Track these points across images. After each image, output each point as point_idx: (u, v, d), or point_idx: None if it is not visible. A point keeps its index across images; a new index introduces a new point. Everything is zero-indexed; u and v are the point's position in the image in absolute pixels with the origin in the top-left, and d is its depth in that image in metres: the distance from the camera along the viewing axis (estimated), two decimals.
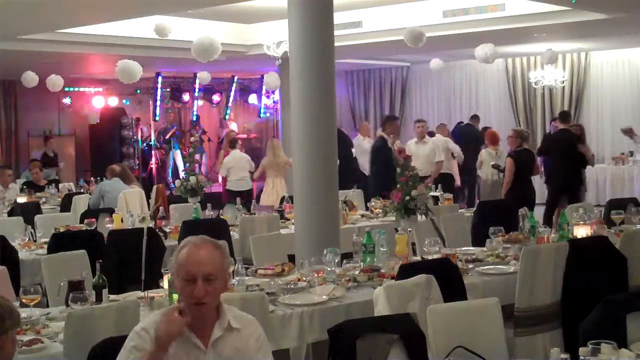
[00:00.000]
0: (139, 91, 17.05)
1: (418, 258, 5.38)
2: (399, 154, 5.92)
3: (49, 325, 3.96)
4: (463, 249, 5.90)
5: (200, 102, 17.46)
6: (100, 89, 17.26)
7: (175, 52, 12.06)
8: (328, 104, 6.55)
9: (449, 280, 4.39)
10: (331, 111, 6.58)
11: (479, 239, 6.34)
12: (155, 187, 10.83)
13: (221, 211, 8.44)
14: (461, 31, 11.11)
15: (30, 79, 12.19)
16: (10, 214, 8.94)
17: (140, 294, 4.57)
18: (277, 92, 15.81)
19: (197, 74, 14.77)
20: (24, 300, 4.06)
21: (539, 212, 10.41)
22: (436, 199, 8.50)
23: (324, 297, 4.45)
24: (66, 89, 14.69)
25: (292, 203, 7.08)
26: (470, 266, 5.17)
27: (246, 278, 4.65)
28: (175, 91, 16.75)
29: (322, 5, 6.61)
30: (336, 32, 6.87)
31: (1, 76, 15.72)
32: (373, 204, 8.88)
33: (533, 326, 4.65)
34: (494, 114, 16.81)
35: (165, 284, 4.39)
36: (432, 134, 11.77)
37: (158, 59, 12.74)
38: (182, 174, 10.73)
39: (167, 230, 7.17)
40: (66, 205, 10.12)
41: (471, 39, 11.38)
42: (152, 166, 17.09)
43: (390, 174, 9.45)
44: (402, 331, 3.38)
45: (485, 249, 5.63)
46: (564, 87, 15.79)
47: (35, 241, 6.89)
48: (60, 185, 12.20)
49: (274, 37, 10.84)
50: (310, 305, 4.34)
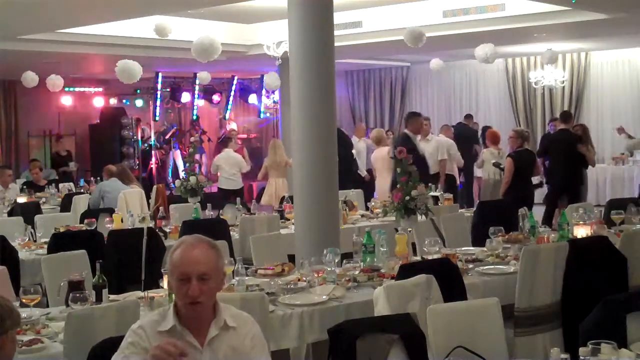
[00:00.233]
0: (139, 91, 17.05)
1: (418, 258, 5.37)
2: (399, 154, 5.91)
3: (49, 325, 3.95)
4: (463, 249, 5.90)
5: (201, 102, 17.47)
6: (100, 89, 17.26)
7: (175, 52, 12.05)
8: (328, 104, 6.55)
9: (449, 280, 4.39)
10: (331, 111, 6.58)
11: (479, 239, 6.34)
12: (155, 187, 10.83)
13: (221, 211, 8.44)
14: (461, 31, 11.11)
15: (30, 79, 12.19)
16: (10, 214, 8.94)
17: (140, 294, 4.57)
18: (277, 92, 15.81)
19: (197, 74, 14.77)
20: (24, 300, 4.06)
21: (539, 212, 10.44)
22: (436, 199, 8.50)
23: (324, 297, 4.44)
24: (66, 89, 14.69)
25: (292, 203, 7.09)
26: (470, 266, 5.17)
27: (246, 278, 4.65)
28: (175, 91, 16.76)
29: (322, 5, 6.61)
30: (336, 32, 6.87)
31: (1, 76, 15.72)
32: (373, 204, 8.89)
33: (533, 326, 4.65)
34: (494, 114, 16.80)
35: (165, 284, 4.39)
36: None
37: (158, 59, 12.74)
38: (182, 174, 10.74)
39: (167, 230, 7.17)
40: (66, 205, 10.11)
41: (471, 39, 11.38)
42: (152, 166, 17.09)
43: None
44: (402, 331, 3.38)
45: (485, 249, 5.63)
46: (564, 87, 15.78)
47: (35, 241, 6.88)
48: (60, 185, 12.19)
49: (274, 37, 10.84)
50: (310, 305, 4.34)
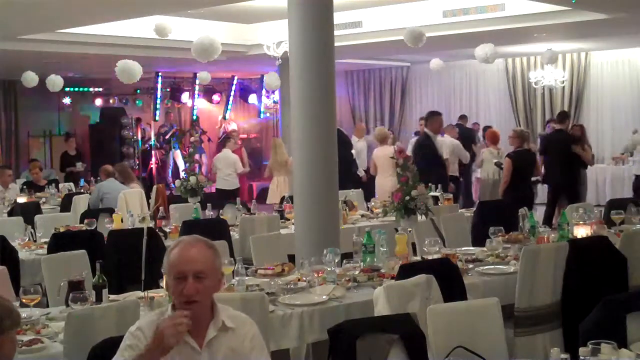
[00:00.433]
0: (139, 91, 17.05)
1: (418, 258, 5.37)
2: (399, 154, 5.91)
3: (49, 325, 3.95)
4: (463, 249, 5.90)
5: (201, 102, 17.47)
6: (100, 89, 17.25)
7: (175, 52, 12.06)
8: (328, 104, 6.55)
9: (449, 280, 4.39)
10: (331, 111, 6.58)
11: (479, 239, 6.33)
12: (155, 187, 10.84)
13: (221, 211, 8.44)
14: (461, 31, 11.11)
15: (30, 79, 12.19)
16: (10, 214, 8.93)
17: (140, 294, 4.56)
18: (277, 92, 15.81)
19: (197, 74, 14.77)
20: (24, 300, 4.05)
21: (539, 212, 10.46)
22: (436, 199, 8.50)
23: (324, 297, 4.44)
24: (66, 89, 14.68)
25: (292, 203, 7.08)
26: (470, 266, 5.17)
27: (246, 278, 4.65)
28: (175, 91, 16.75)
29: (322, 5, 6.61)
30: (336, 32, 6.86)
31: (1, 76, 15.73)
32: (373, 204, 8.89)
33: (533, 326, 4.65)
34: (494, 114, 16.81)
35: (165, 284, 4.39)
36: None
37: (158, 59, 12.74)
38: (182, 174, 10.73)
39: (167, 230, 7.18)
40: (66, 205, 10.11)
41: (471, 39, 11.38)
42: (152, 166, 17.09)
43: (437, 170, 9.48)
44: (402, 331, 3.38)
45: (485, 249, 5.63)
46: (564, 87, 15.78)
47: (35, 241, 6.88)
48: (60, 185, 12.20)
49: (274, 37, 10.84)
50: (310, 305, 4.34)
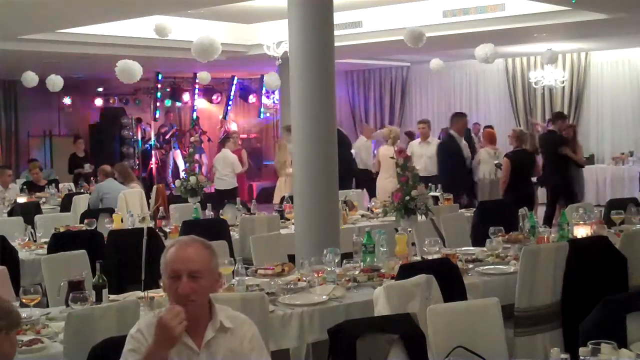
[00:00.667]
0: (139, 91, 17.04)
1: (418, 258, 5.37)
2: (398, 154, 5.91)
3: (49, 325, 3.95)
4: (463, 249, 5.89)
5: (201, 102, 17.46)
6: (100, 89, 17.25)
7: (175, 52, 12.06)
8: (328, 104, 6.55)
9: (449, 280, 4.39)
10: (331, 111, 6.58)
11: (479, 239, 6.33)
12: (155, 187, 10.84)
13: (221, 211, 8.44)
14: (461, 31, 11.11)
15: (30, 79, 12.19)
16: (10, 214, 8.93)
17: (140, 294, 4.56)
18: (277, 92, 15.81)
19: (197, 74, 14.77)
20: (24, 300, 4.05)
21: (539, 212, 10.46)
22: (436, 199, 8.50)
23: (324, 297, 4.44)
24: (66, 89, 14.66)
25: (292, 203, 7.08)
26: (470, 266, 5.17)
27: (246, 278, 4.64)
28: (175, 91, 16.75)
29: (322, 5, 6.61)
30: (336, 32, 6.87)
31: (1, 76, 15.73)
32: (373, 204, 8.89)
33: (533, 326, 4.64)
34: (494, 114, 16.80)
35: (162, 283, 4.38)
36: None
37: (158, 59, 12.74)
38: (182, 174, 10.74)
39: (167, 230, 7.17)
40: (66, 205, 10.11)
41: (471, 39, 11.38)
42: (152, 166, 17.09)
43: (461, 171, 9.47)
44: (402, 331, 3.38)
45: (485, 249, 5.63)
46: (564, 87, 15.78)
47: (35, 241, 6.88)
48: (60, 185, 12.20)
49: (274, 37, 10.84)
50: (310, 305, 4.34)
